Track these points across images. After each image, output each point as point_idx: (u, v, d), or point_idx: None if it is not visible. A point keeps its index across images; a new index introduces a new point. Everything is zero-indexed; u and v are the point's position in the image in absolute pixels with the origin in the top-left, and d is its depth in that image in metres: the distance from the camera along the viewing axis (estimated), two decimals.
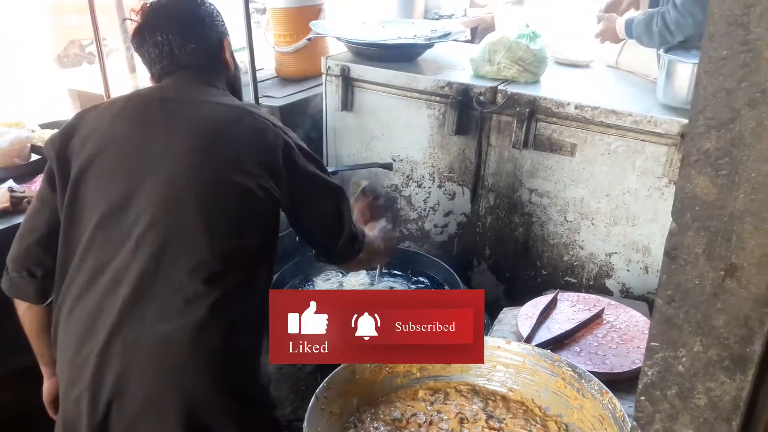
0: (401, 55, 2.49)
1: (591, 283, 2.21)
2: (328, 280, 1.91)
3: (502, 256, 2.37)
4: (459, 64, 2.46)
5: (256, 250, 1.27)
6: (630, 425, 1.02)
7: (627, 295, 2.15)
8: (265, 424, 1.30)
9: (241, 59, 2.56)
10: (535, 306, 1.53)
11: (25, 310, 1.36)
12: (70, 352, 1.20)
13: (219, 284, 1.18)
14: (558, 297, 1.57)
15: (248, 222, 1.25)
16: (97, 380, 1.15)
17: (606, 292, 2.18)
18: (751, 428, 0.69)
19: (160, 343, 1.14)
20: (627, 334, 1.44)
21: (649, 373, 0.73)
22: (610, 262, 2.15)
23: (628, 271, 2.13)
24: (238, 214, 1.23)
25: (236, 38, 2.35)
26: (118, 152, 1.24)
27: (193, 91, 1.31)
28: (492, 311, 2.11)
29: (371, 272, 2.09)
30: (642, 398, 0.73)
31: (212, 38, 1.36)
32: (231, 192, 1.22)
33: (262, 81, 2.89)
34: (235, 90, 1.43)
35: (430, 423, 1.17)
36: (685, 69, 1.89)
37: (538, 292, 2.23)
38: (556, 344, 1.39)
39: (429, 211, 2.45)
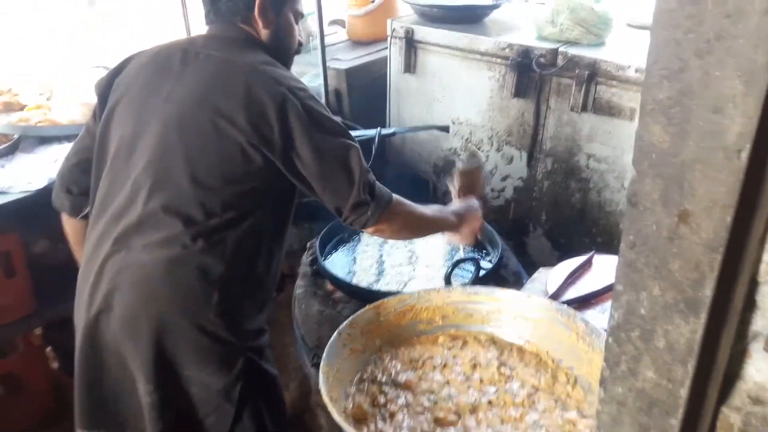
0: (467, 17, 2.49)
1: None
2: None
3: (558, 222, 2.36)
4: (525, 25, 2.43)
5: (247, 205, 1.30)
6: None
7: None
8: (237, 364, 1.34)
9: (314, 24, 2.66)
10: (567, 266, 1.54)
11: (65, 221, 1.58)
12: (82, 267, 1.39)
13: (196, 227, 1.26)
14: (593, 259, 1.57)
15: (234, 177, 1.27)
16: (92, 294, 1.32)
17: None
18: (710, 372, 0.71)
19: (139, 270, 1.28)
20: None
21: (616, 316, 0.76)
22: None
23: None
24: (223, 166, 1.27)
25: (306, 3, 2.45)
26: (137, 95, 1.37)
27: (216, 45, 1.37)
28: None
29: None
30: (610, 339, 0.77)
31: None
32: (217, 142, 1.26)
33: (334, 44, 2.98)
34: (274, 48, 1.42)
35: (444, 366, 1.24)
36: None
37: None
38: (582, 303, 1.40)
39: (486, 175, 2.46)
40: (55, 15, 2.68)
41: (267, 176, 1.30)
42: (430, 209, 1.56)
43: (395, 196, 1.42)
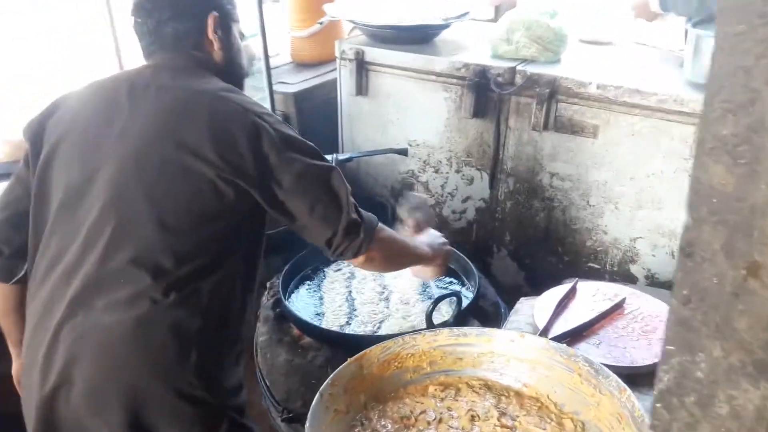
0: (417, 37, 2.42)
1: (615, 269, 2.14)
2: (339, 270, 1.87)
3: (522, 242, 2.31)
4: (477, 44, 2.38)
5: (219, 246, 1.18)
6: (648, 427, 0.97)
7: (653, 282, 2.07)
8: (221, 427, 1.21)
9: (256, 46, 2.53)
10: (553, 296, 1.47)
11: None
12: (28, 337, 1.21)
13: (167, 279, 1.13)
14: (577, 286, 1.50)
15: (207, 217, 1.16)
16: (45, 368, 1.14)
17: (631, 278, 2.10)
18: None
19: (102, 335, 1.12)
20: (649, 324, 1.37)
21: (665, 379, 0.67)
22: (635, 247, 2.07)
23: (654, 256, 2.04)
24: (193, 206, 1.15)
25: (249, 23, 2.32)
26: (81, 137, 1.22)
27: (166, 75, 1.24)
28: (512, 299, 2.05)
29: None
30: (658, 405, 0.68)
31: (195, 15, 1.28)
32: (183, 180, 1.14)
33: (278, 67, 2.85)
34: (228, 72, 1.33)
35: (440, 421, 1.13)
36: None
37: (561, 279, 2.16)
38: (575, 336, 1.33)
39: (447, 197, 2.39)
40: (55, 15, 2.54)
41: (239, 213, 1.19)
42: (407, 237, 1.49)
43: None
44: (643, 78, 1.94)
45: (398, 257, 1.42)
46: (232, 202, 1.16)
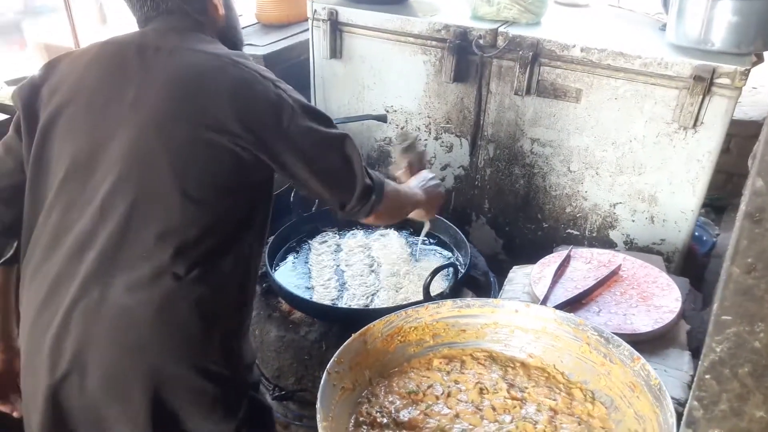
0: None
1: (594, 234, 2.14)
2: (324, 242, 1.81)
3: (501, 209, 2.29)
4: (456, 4, 2.31)
5: (238, 218, 1.15)
6: (668, 394, 0.96)
7: (631, 247, 2.09)
8: (242, 404, 1.20)
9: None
10: (547, 264, 1.45)
11: None
12: (29, 320, 1.12)
13: (191, 253, 1.08)
14: (571, 254, 1.49)
15: (229, 187, 1.12)
16: (55, 353, 1.06)
17: (609, 243, 2.11)
18: None
19: (122, 316, 1.05)
20: (646, 291, 1.37)
21: (718, 350, 0.65)
22: (615, 213, 2.07)
23: (633, 221, 2.06)
24: (217, 177, 1.10)
25: None
26: (87, 102, 1.13)
27: (174, 37, 1.16)
28: (492, 266, 2.04)
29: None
30: (707, 376, 0.66)
31: None
32: (208, 153, 1.09)
33: (243, 28, 2.71)
34: (228, 37, 1.27)
35: (448, 395, 1.10)
36: (699, 5, 1.77)
37: (539, 246, 2.16)
38: (574, 304, 1.32)
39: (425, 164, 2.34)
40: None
41: (254, 185, 1.16)
42: (404, 186, 1.48)
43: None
44: (624, 41, 1.92)
45: (401, 208, 1.42)
46: (250, 172, 1.13)
